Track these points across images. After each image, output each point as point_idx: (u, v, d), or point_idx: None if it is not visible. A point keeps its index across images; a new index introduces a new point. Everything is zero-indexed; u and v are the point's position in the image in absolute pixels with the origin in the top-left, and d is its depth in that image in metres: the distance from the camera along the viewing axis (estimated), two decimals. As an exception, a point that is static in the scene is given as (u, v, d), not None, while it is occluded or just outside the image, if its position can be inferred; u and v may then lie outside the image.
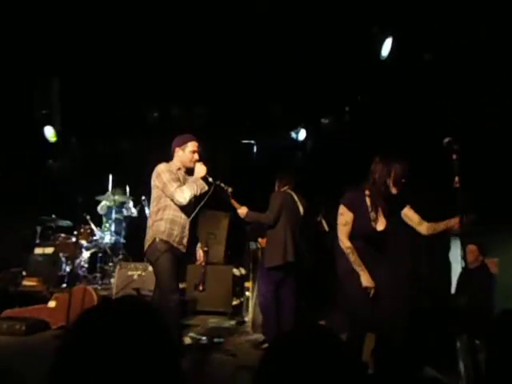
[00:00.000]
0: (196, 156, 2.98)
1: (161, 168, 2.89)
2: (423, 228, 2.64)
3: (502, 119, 3.70)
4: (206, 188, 2.91)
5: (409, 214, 2.67)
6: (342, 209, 2.57)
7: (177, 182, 2.83)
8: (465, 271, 3.20)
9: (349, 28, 4.15)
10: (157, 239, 2.79)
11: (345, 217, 2.54)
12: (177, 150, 3.02)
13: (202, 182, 2.90)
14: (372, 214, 2.56)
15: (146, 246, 2.85)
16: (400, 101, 4.18)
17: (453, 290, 4.17)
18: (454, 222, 2.43)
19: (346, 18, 4.03)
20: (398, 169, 2.48)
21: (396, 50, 3.98)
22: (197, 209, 2.99)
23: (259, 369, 0.82)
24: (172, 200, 2.80)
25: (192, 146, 3.00)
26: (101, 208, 5.57)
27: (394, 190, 2.53)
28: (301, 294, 3.88)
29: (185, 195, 2.77)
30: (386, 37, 4.05)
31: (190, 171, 3.02)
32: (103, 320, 0.83)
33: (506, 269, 4.17)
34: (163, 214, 2.83)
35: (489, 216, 4.04)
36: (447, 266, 4.48)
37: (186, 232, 2.91)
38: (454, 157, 2.19)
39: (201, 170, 2.93)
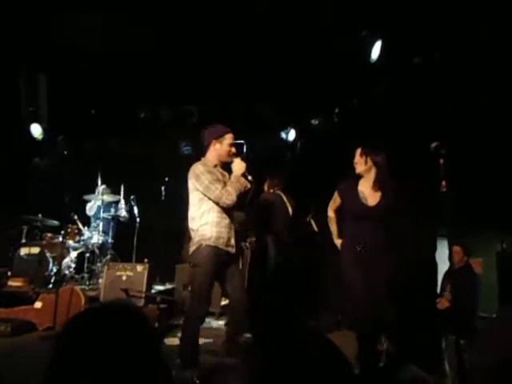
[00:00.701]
0: (233, 149, 2.79)
1: (199, 169, 2.71)
2: None
3: (488, 124, 3.78)
4: (249, 186, 2.74)
5: None
6: (335, 194, 3.04)
7: (219, 182, 2.67)
8: (450, 271, 3.27)
9: (339, 30, 4.18)
10: (203, 245, 2.66)
11: (334, 197, 3.05)
12: (213, 142, 2.79)
13: (243, 179, 2.72)
14: (362, 194, 2.83)
15: (192, 250, 2.73)
16: (389, 104, 4.23)
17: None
18: None
19: (337, 20, 4.06)
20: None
21: (386, 53, 4.03)
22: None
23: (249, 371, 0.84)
24: (216, 202, 2.66)
25: (230, 138, 2.79)
26: (89, 208, 5.52)
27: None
28: (290, 294, 3.91)
29: (232, 197, 2.62)
30: (376, 40, 4.09)
31: (224, 166, 2.85)
32: (91, 326, 0.85)
33: (489, 269, 4.27)
34: (208, 217, 2.69)
35: (474, 218, 4.14)
36: (434, 266, 4.55)
37: (232, 232, 2.77)
38: (442, 161, 2.23)
39: (240, 166, 2.73)
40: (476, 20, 3.47)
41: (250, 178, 2.74)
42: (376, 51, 4.02)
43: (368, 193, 2.86)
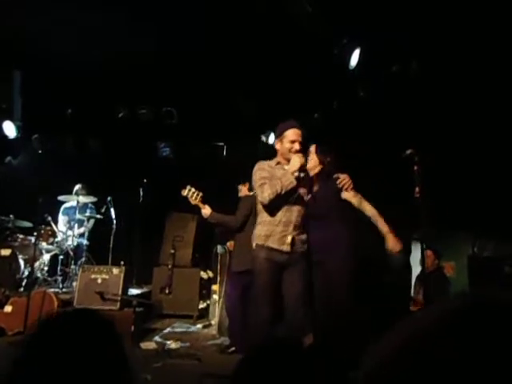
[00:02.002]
0: (296, 146, 2.62)
1: (255, 167, 2.67)
2: None
3: (460, 131, 3.91)
4: (295, 183, 2.56)
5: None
6: None
7: (263, 179, 2.58)
8: (422, 275, 3.35)
9: (319, 37, 4.24)
10: (254, 245, 2.62)
11: None
12: (276, 143, 2.74)
13: (289, 177, 2.56)
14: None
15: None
16: (366, 110, 4.32)
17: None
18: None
19: (318, 26, 4.12)
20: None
21: (364, 61, 4.11)
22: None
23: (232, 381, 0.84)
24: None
25: (291, 134, 2.64)
26: (62, 212, 5.41)
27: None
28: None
29: (264, 194, 2.52)
30: (355, 47, 4.17)
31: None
32: (55, 332, 0.88)
33: (461, 272, 4.41)
34: (262, 215, 2.64)
35: (446, 222, 4.27)
36: (408, 269, 4.66)
37: (291, 229, 2.60)
38: (415, 168, 2.30)
39: (293, 163, 2.57)
40: (454, 30, 3.59)
41: (302, 174, 2.60)
42: (355, 59, 4.09)
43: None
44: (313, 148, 2.89)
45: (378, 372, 0.41)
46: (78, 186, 5.32)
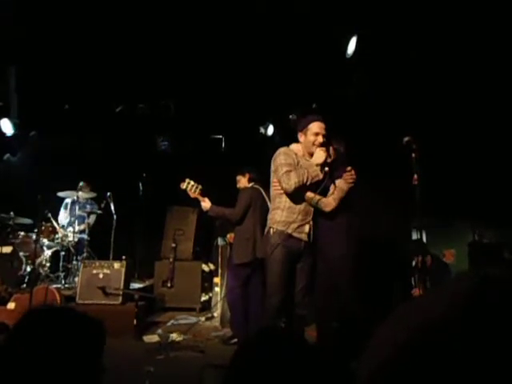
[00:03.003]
0: (320, 139, 2.61)
1: (279, 150, 2.65)
2: None
3: (461, 118, 3.89)
4: (321, 177, 2.56)
5: None
6: None
7: (289, 166, 2.55)
8: (421, 263, 3.36)
9: (316, 25, 4.20)
10: (271, 230, 2.57)
11: None
12: (299, 135, 2.70)
13: (315, 169, 2.56)
14: None
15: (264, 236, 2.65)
16: (364, 99, 4.29)
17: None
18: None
19: (314, 15, 4.08)
20: None
21: (361, 49, 4.07)
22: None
23: (229, 369, 0.84)
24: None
25: (315, 127, 2.63)
26: (64, 206, 5.42)
27: None
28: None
29: (290, 182, 2.49)
30: (352, 35, 4.13)
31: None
32: (36, 329, 0.99)
33: (461, 258, 4.42)
34: (280, 201, 2.60)
35: (447, 209, 4.27)
36: (409, 257, 4.68)
37: (309, 218, 2.62)
38: (413, 155, 2.29)
39: (319, 156, 2.58)
40: (439, 19, 3.55)
41: (326, 169, 2.58)
42: (352, 46, 4.06)
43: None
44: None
45: (385, 370, 0.38)
46: (81, 184, 5.34)
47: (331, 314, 2.73)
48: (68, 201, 5.50)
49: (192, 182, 3.65)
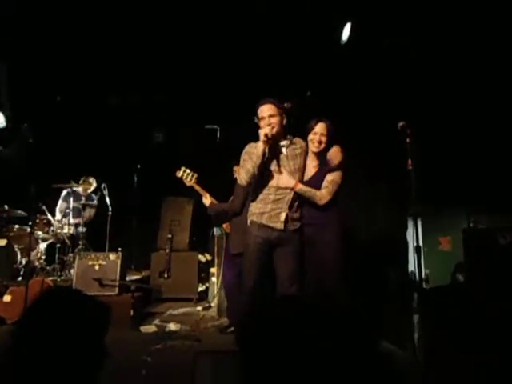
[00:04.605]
0: (264, 122, 2.57)
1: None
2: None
3: (456, 103, 3.87)
4: (260, 157, 2.53)
5: None
6: None
7: (243, 162, 2.63)
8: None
9: (310, 13, 4.15)
10: (248, 222, 2.67)
11: None
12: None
13: (257, 151, 2.54)
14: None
15: None
16: (358, 85, 4.26)
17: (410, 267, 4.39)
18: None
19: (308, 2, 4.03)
20: None
21: (355, 35, 4.03)
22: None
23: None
24: None
25: (261, 111, 2.64)
26: (63, 198, 5.39)
27: None
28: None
29: (240, 177, 2.63)
30: (346, 22, 4.08)
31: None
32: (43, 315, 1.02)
33: (457, 245, 4.43)
34: (254, 193, 2.69)
35: (443, 196, 4.27)
36: (405, 244, 4.69)
37: (285, 206, 2.60)
38: (408, 140, 2.27)
39: (260, 135, 2.53)
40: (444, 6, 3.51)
41: (263, 138, 2.49)
42: (346, 33, 4.01)
43: (307, 167, 2.77)
44: (325, 125, 2.73)
45: None
46: (83, 179, 5.35)
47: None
48: (64, 192, 5.49)
49: (188, 171, 3.64)
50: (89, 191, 5.44)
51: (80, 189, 5.33)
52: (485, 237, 3.64)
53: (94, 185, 5.44)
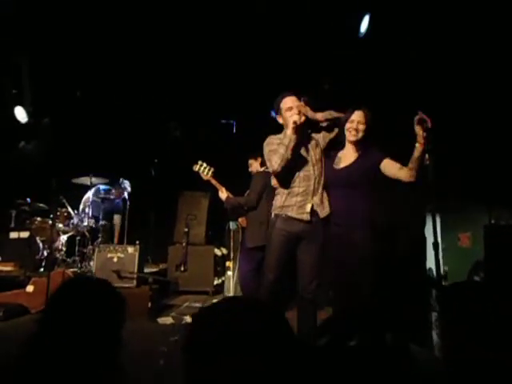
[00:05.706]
0: (293, 112, 2.54)
1: (265, 141, 2.68)
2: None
3: (476, 97, 3.76)
4: (293, 138, 2.47)
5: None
6: None
7: (271, 152, 2.56)
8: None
9: (327, 5, 4.09)
10: (272, 215, 2.63)
11: None
12: (278, 119, 2.69)
13: (288, 134, 2.50)
14: (338, 159, 2.72)
15: None
16: (376, 77, 4.19)
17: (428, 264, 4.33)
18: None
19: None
20: None
21: (374, 28, 3.96)
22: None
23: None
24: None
25: (287, 103, 2.61)
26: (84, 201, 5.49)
27: None
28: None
29: (272, 163, 2.52)
30: (364, 14, 4.01)
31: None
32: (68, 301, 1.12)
33: (477, 241, 4.34)
34: (279, 186, 2.64)
35: (463, 191, 4.18)
36: (423, 240, 4.62)
37: (309, 198, 2.56)
38: (425, 134, 2.22)
39: (290, 121, 2.50)
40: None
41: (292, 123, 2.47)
42: (364, 25, 3.95)
43: (345, 155, 2.69)
44: (363, 113, 2.65)
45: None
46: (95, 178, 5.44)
47: (343, 298, 2.70)
48: (97, 188, 5.53)
49: (204, 164, 3.67)
50: (123, 196, 5.50)
51: (113, 191, 5.38)
52: (507, 233, 3.55)
53: (129, 189, 5.48)
